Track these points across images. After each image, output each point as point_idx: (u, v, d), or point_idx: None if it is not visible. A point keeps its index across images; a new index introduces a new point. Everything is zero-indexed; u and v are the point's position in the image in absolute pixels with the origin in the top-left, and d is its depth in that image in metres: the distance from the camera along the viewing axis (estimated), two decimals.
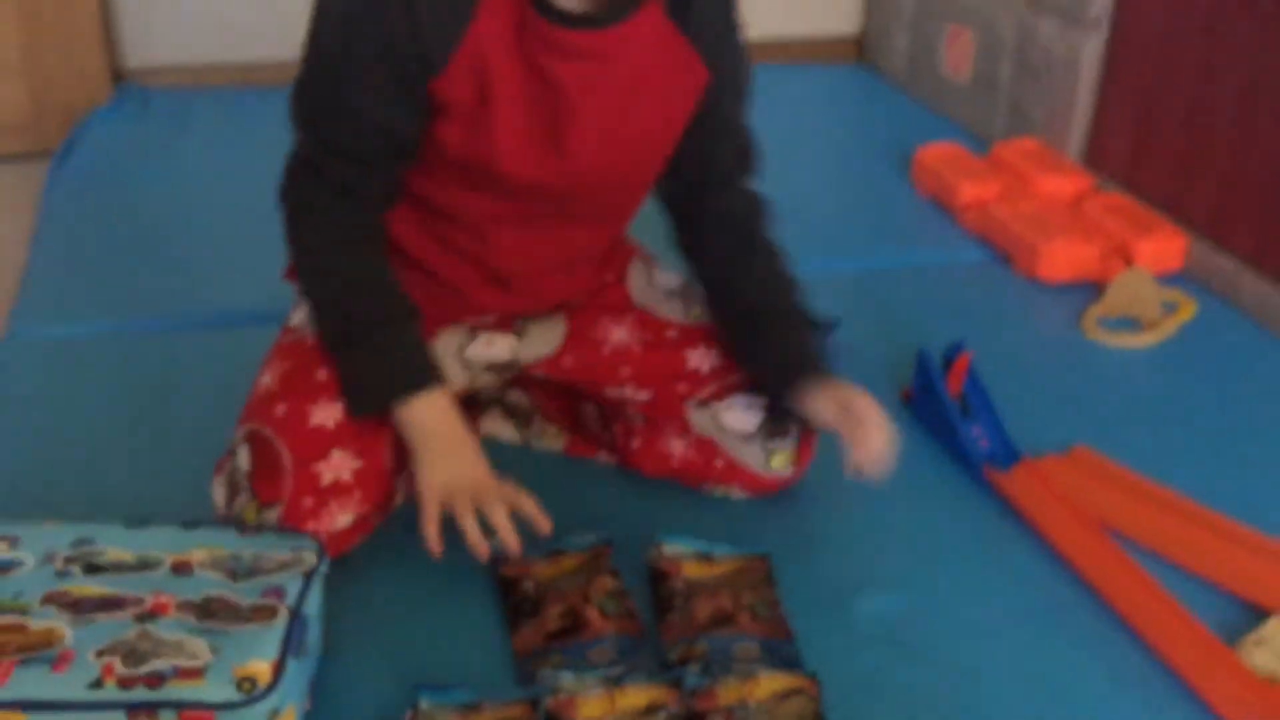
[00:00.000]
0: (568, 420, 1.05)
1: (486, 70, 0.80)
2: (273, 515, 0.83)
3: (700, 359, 0.96)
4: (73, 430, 1.08)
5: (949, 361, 1.09)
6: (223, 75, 1.87)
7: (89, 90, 1.71)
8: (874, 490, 1.01)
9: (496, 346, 0.97)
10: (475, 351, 0.96)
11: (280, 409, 0.85)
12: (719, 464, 0.96)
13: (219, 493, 0.86)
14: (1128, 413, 1.16)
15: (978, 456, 1.05)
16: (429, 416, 0.84)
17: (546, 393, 1.04)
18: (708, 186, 0.95)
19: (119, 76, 1.80)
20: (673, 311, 0.99)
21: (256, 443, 0.85)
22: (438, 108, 0.81)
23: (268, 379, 0.89)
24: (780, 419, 0.94)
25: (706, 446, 0.95)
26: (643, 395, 0.96)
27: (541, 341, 0.98)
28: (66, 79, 1.69)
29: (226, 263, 1.37)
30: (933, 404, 1.09)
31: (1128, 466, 1.05)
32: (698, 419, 0.95)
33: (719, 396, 0.95)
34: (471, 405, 1.02)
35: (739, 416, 0.94)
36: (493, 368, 0.97)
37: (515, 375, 0.99)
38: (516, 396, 1.05)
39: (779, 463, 0.96)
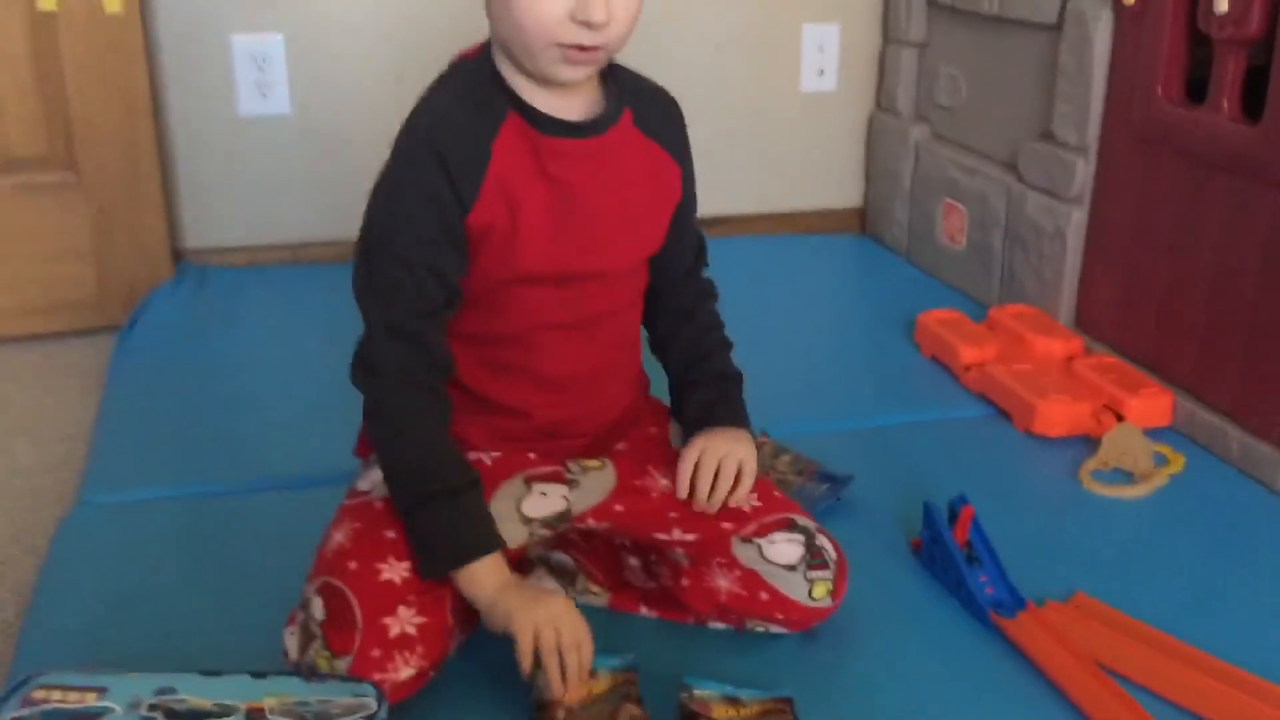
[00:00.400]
0: (611, 579, 1.12)
1: (511, 192, 0.96)
2: (343, 664, 0.91)
3: (743, 500, 1.06)
4: (146, 589, 1.14)
5: (954, 513, 1.17)
6: (274, 254, 2.01)
7: (151, 270, 1.83)
8: (889, 634, 1.09)
9: (551, 498, 1.05)
10: (531, 506, 1.04)
11: (352, 564, 0.94)
12: (764, 596, 1.03)
13: (292, 642, 0.94)
14: (1124, 560, 1.22)
15: (984, 603, 1.11)
16: (494, 575, 0.95)
17: (590, 552, 1.12)
18: (672, 278, 1.12)
19: (178, 256, 1.94)
20: None
21: (329, 595, 0.93)
22: (476, 239, 0.97)
23: (339, 537, 0.98)
24: (818, 551, 1.03)
25: (752, 580, 1.03)
26: (690, 536, 1.04)
27: (593, 490, 1.06)
28: (131, 260, 1.82)
29: (282, 428, 1.47)
30: (941, 554, 1.16)
31: (1125, 611, 1.11)
32: (742, 553, 1.03)
33: (761, 533, 1.03)
34: (518, 566, 1.11)
35: (781, 550, 1.03)
36: (548, 522, 1.04)
37: (568, 528, 1.06)
38: (560, 558, 1.12)
39: (820, 592, 1.03)
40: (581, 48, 0.92)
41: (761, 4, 2.14)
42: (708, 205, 2.15)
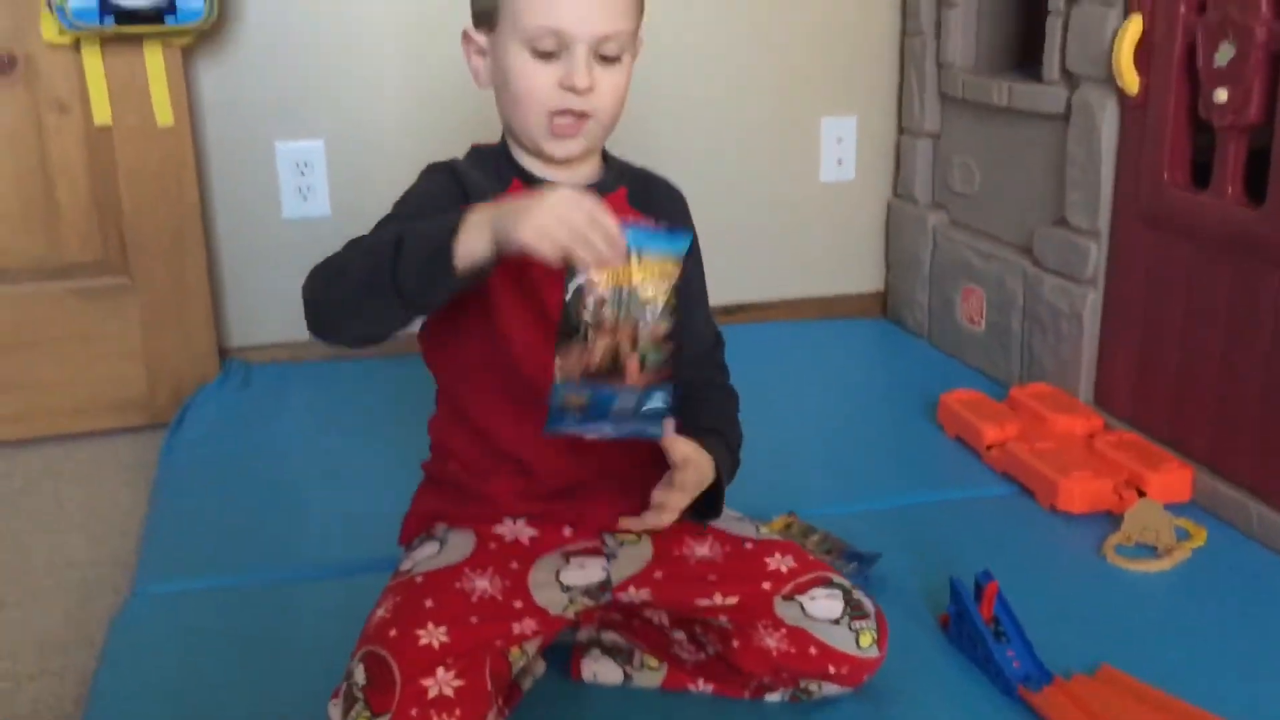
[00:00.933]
0: (662, 652, 1.15)
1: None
2: None
3: (779, 562, 1.09)
4: (199, 677, 1.19)
5: (980, 589, 1.21)
6: (315, 350, 2.08)
7: (198, 368, 1.91)
8: (919, 709, 1.12)
9: (590, 569, 1.09)
10: (570, 576, 1.08)
11: (392, 632, 0.98)
12: (814, 651, 1.06)
13: (335, 711, 0.97)
14: (1149, 633, 1.25)
15: (1012, 677, 1.14)
16: (479, 225, 0.90)
17: (638, 632, 1.15)
18: (683, 367, 1.12)
19: (224, 354, 2.01)
20: (744, 530, 1.13)
21: (371, 661, 0.97)
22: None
23: (381, 611, 1.02)
24: (858, 604, 1.07)
25: (800, 636, 1.06)
26: (731, 600, 1.07)
27: (631, 561, 1.11)
28: (179, 359, 1.89)
29: (326, 519, 1.52)
30: (968, 629, 1.19)
31: (1151, 684, 1.14)
32: (785, 612, 1.07)
33: (801, 591, 1.07)
34: (574, 648, 1.15)
35: (822, 605, 1.06)
36: (589, 591, 1.09)
37: (609, 600, 1.10)
38: (612, 637, 1.16)
39: (866, 641, 1.06)
40: (570, 113, 1.02)
41: (781, 98, 2.22)
42: (732, 292, 2.26)
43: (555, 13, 1.01)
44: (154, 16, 1.70)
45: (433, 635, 0.98)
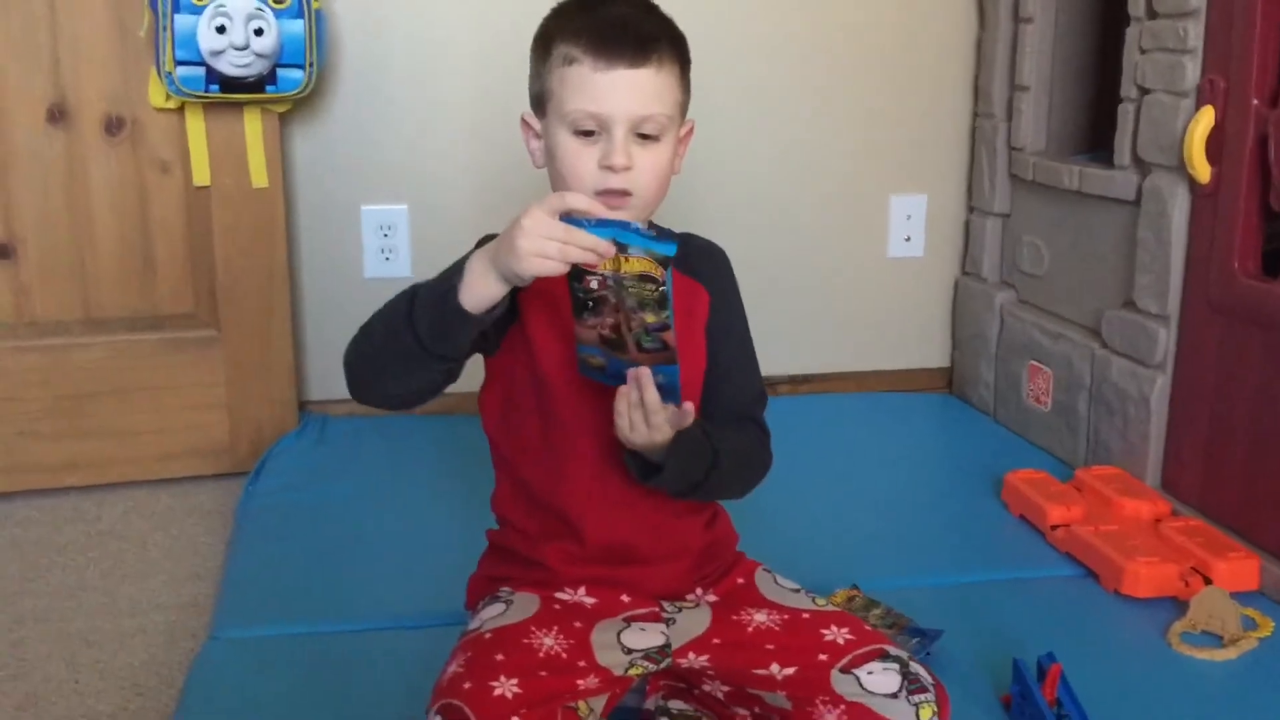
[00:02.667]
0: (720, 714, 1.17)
1: (551, 305, 1.08)
2: None
3: (835, 634, 1.11)
4: (276, 717, 1.23)
5: (1043, 670, 1.21)
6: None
7: (279, 419, 1.97)
8: None
9: (650, 633, 1.13)
10: (631, 639, 1.11)
11: (466, 685, 1.01)
12: None
13: None
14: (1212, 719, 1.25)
15: None
16: (479, 271, 1.00)
17: (702, 699, 1.17)
18: (723, 422, 1.16)
19: (303, 406, 2.08)
20: (800, 603, 1.15)
21: (447, 712, 1.00)
22: (513, 307, 1.07)
23: (454, 667, 1.05)
24: (915, 678, 1.07)
25: (859, 712, 1.06)
26: (789, 671, 1.09)
27: (690, 626, 1.13)
28: (261, 410, 1.96)
29: (398, 570, 1.56)
30: (1030, 710, 1.19)
31: None
32: (842, 686, 1.07)
33: (858, 664, 1.08)
34: (641, 715, 1.17)
35: (880, 680, 1.06)
36: (649, 654, 1.11)
37: (669, 667, 1.13)
38: (680, 705, 1.18)
39: (926, 714, 1.06)
40: (611, 192, 1.07)
41: (851, 176, 2.27)
42: (800, 363, 2.30)
43: (593, 96, 1.07)
44: (256, 85, 1.79)
45: (505, 687, 1.01)
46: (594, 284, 0.99)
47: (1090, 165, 1.91)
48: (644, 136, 1.09)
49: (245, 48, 1.74)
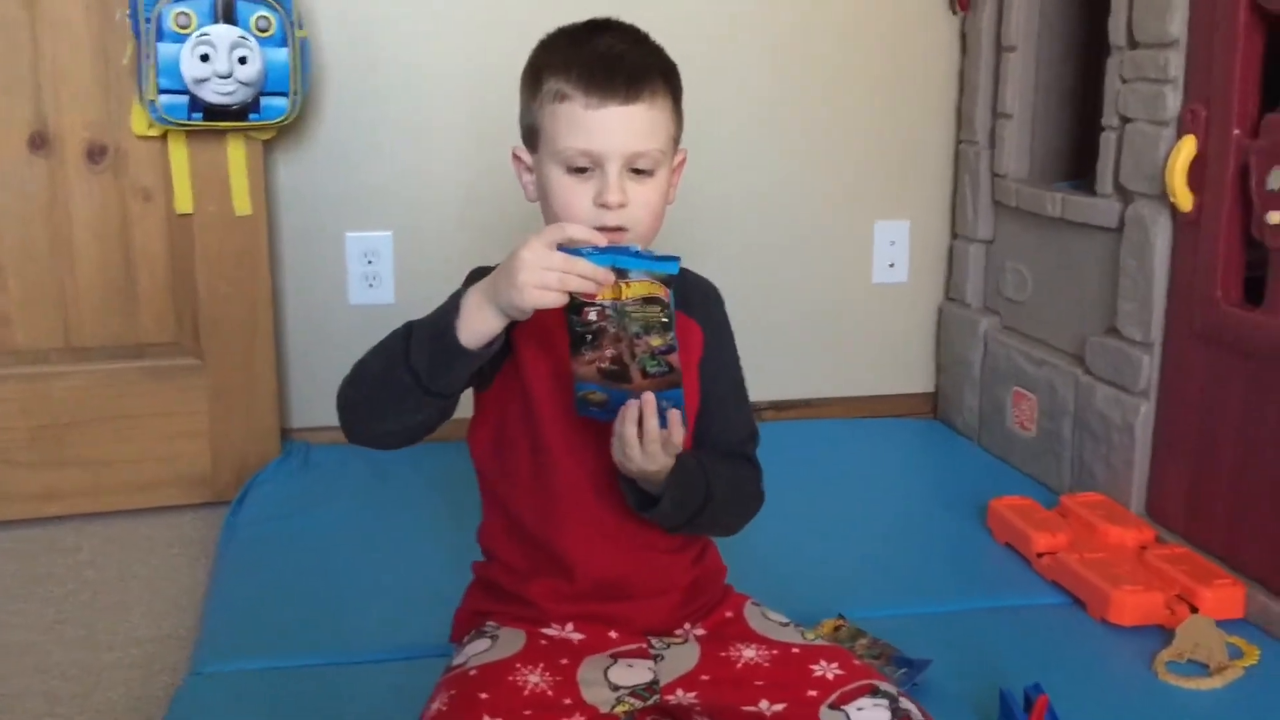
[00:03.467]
0: None
1: (544, 342, 1.07)
2: None
3: (825, 669, 1.10)
4: None
5: (1030, 701, 1.21)
6: None
7: (261, 447, 1.96)
8: None
9: (637, 669, 1.12)
10: (618, 676, 1.10)
11: None
12: None
13: None
14: None
15: None
16: (475, 308, 1.01)
17: None
18: (716, 451, 1.15)
19: (285, 434, 2.06)
20: (790, 637, 1.15)
21: None
22: (506, 342, 1.06)
23: (437, 705, 1.04)
24: (904, 714, 1.06)
25: None
26: (778, 707, 1.08)
27: (678, 663, 1.12)
28: (243, 439, 1.95)
29: (382, 602, 1.54)
30: None
31: None
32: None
33: (848, 700, 1.07)
34: None
35: (869, 716, 1.05)
36: (636, 691, 1.10)
37: (657, 705, 1.11)
38: None
39: None
40: (606, 229, 1.05)
41: (836, 203, 2.28)
42: (784, 389, 2.30)
43: (586, 134, 1.06)
44: (239, 113, 1.78)
45: None
46: (592, 315, 0.98)
47: (1073, 193, 1.92)
48: (638, 171, 1.09)
49: (229, 76, 1.74)
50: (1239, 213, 1.56)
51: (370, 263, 2.10)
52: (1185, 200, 1.63)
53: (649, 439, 1.02)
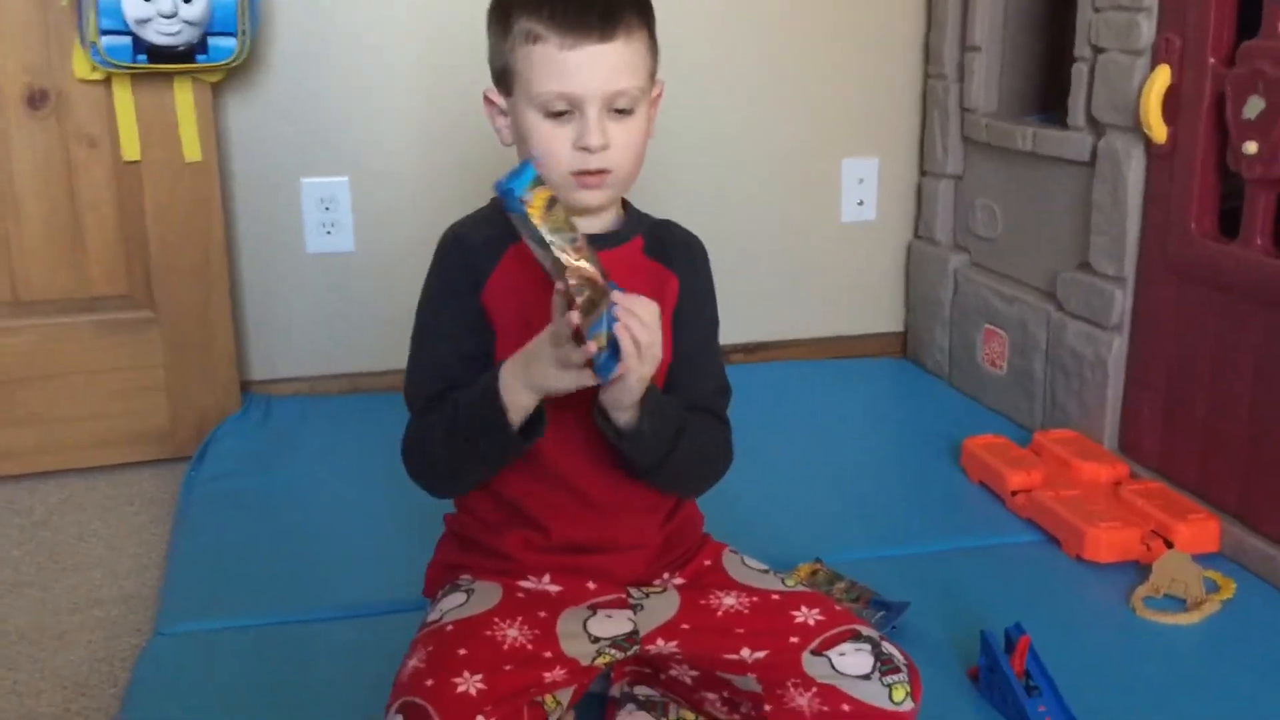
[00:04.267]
0: (698, 708, 1.14)
1: (519, 287, 1.05)
2: None
3: (806, 616, 1.08)
4: (226, 713, 1.19)
5: (1011, 642, 1.20)
6: (335, 384, 2.09)
7: (220, 402, 1.91)
8: None
9: (617, 620, 1.10)
10: (598, 627, 1.08)
11: (429, 682, 0.98)
12: (846, 708, 1.04)
13: None
14: (1177, 687, 1.24)
15: None
16: (514, 391, 1.02)
17: (670, 684, 1.14)
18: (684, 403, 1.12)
19: (245, 387, 2.01)
20: (769, 584, 1.13)
21: (409, 711, 0.96)
22: (490, 325, 1.08)
23: (414, 662, 1.02)
24: (888, 658, 1.05)
25: (831, 694, 1.04)
26: (760, 654, 1.06)
27: (658, 612, 1.11)
28: (202, 393, 1.90)
29: (348, 557, 1.51)
30: (999, 683, 1.18)
31: None
32: (814, 669, 1.05)
33: (830, 646, 1.05)
34: (608, 703, 1.15)
35: (851, 661, 1.04)
36: (616, 642, 1.08)
37: (638, 654, 1.10)
38: (646, 691, 1.15)
39: (899, 695, 1.04)
40: (588, 173, 1.04)
41: (804, 141, 2.23)
42: (752, 331, 2.27)
43: (562, 77, 1.02)
44: (186, 55, 1.71)
45: (469, 683, 0.98)
46: (576, 295, 0.94)
47: (1044, 126, 1.89)
48: (619, 111, 1.05)
49: (173, 15, 1.67)
50: (1214, 143, 1.54)
51: (327, 209, 2.04)
52: (1159, 132, 1.60)
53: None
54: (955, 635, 1.31)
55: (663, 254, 1.13)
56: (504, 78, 1.08)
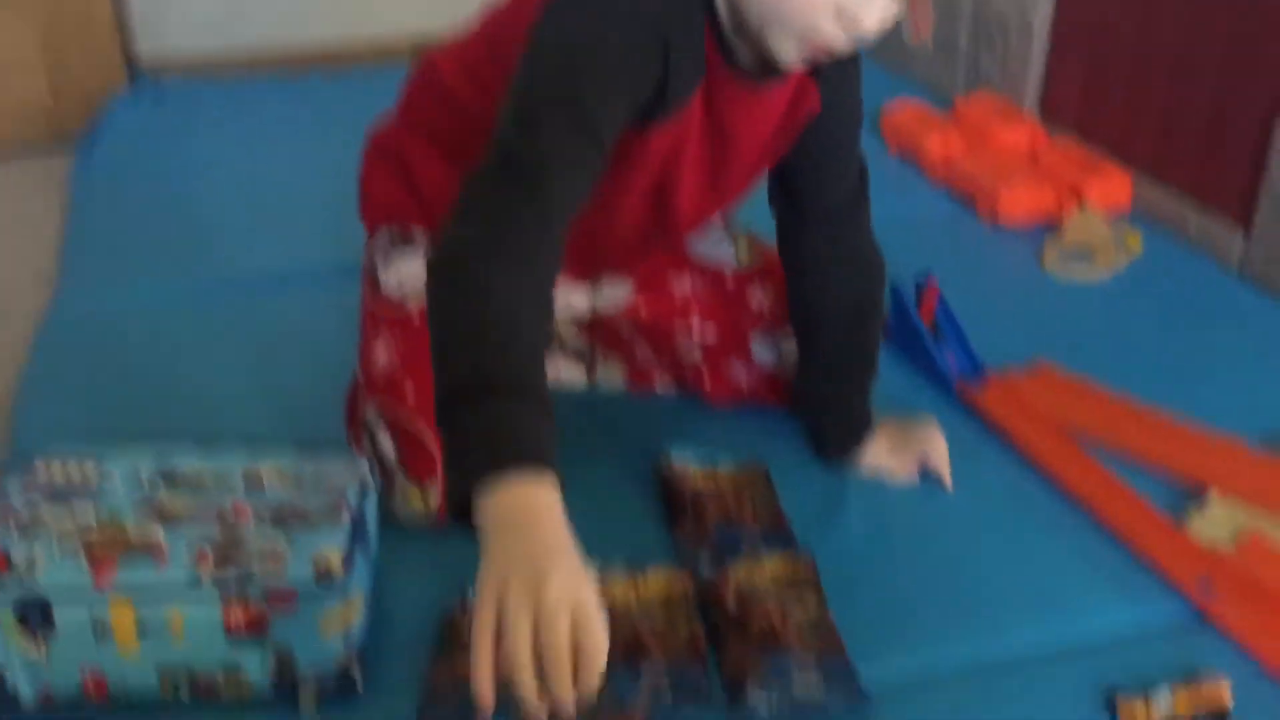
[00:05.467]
0: (625, 352, 1.13)
1: (689, 117, 0.85)
2: (433, 492, 0.92)
3: (759, 298, 1.08)
4: (131, 385, 1.16)
5: (920, 291, 1.20)
6: (230, 69, 1.96)
7: (105, 78, 1.79)
8: None
9: (574, 297, 1.07)
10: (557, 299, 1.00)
11: (409, 389, 0.93)
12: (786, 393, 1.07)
13: (370, 475, 0.89)
14: (1085, 334, 1.27)
15: (951, 375, 1.16)
16: (531, 503, 0.64)
17: (606, 338, 1.12)
18: (826, 217, 1.03)
19: (133, 64, 1.88)
20: (725, 255, 1.10)
21: (397, 432, 0.92)
22: (640, 137, 0.84)
23: (385, 358, 0.95)
24: None
25: (773, 383, 1.06)
26: (710, 337, 1.07)
27: (615, 290, 1.08)
28: (83, 68, 1.77)
29: (251, 232, 1.46)
30: (908, 331, 1.19)
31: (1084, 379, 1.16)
32: (761, 355, 1.07)
33: (777, 327, 1.06)
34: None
35: (792, 345, 1.06)
36: (575, 320, 1.06)
37: (595, 320, 1.08)
38: (576, 342, 1.12)
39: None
40: (830, 49, 0.81)
41: None
42: None
43: None
44: None
45: None
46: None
47: None
48: None
49: None
50: None
51: None
52: None
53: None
54: None
55: (815, 69, 0.90)
56: None
